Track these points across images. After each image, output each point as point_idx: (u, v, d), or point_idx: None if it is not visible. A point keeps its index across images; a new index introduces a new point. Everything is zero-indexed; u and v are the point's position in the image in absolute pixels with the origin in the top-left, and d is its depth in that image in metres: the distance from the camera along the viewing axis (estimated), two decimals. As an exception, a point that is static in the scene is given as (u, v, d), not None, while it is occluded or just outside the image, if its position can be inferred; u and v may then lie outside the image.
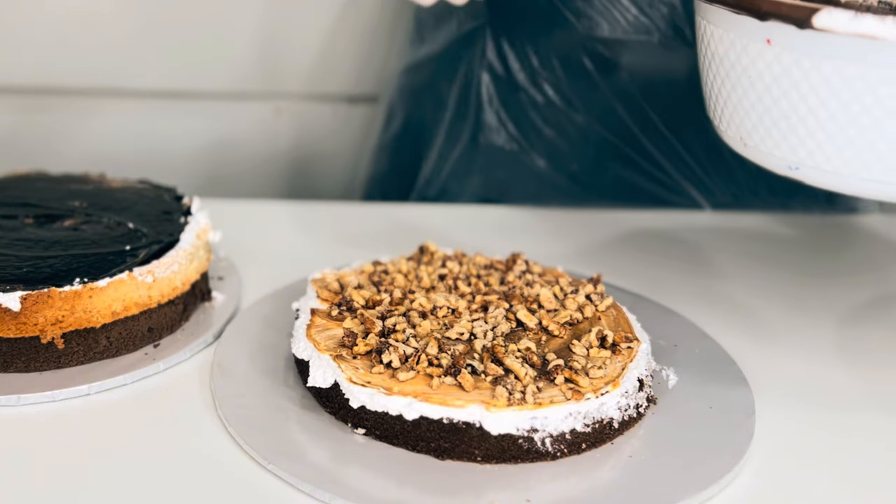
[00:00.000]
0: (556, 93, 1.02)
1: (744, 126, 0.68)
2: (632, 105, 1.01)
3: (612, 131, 1.03)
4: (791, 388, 0.72)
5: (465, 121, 1.05)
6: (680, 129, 1.02)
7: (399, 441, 0.62)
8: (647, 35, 0.97)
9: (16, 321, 0.67)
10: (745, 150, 0.69)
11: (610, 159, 1.04)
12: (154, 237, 0.76)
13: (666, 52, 0.99)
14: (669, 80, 1.00)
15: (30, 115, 1.26)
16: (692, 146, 1.03)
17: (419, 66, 1.10)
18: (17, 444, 0.62)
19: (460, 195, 1.08)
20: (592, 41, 0.99)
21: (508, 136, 1.04)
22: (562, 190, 1.06)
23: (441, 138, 1.07)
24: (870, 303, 0.87)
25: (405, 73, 1.12)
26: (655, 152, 1.03)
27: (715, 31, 0.68)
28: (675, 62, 0.99)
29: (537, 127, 1.03)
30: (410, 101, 1.11)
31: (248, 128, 1.29)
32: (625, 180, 1.05)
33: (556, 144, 1.04)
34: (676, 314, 0.81)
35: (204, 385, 0.69)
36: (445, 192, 1.08)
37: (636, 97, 1.01)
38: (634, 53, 0.99)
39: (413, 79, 1.11)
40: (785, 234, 1.02)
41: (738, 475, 0.61)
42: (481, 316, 0.70)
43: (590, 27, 0.98)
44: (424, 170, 1.09)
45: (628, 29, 0.98)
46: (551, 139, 1.04)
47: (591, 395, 0.62)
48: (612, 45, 0.98)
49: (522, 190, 1.06)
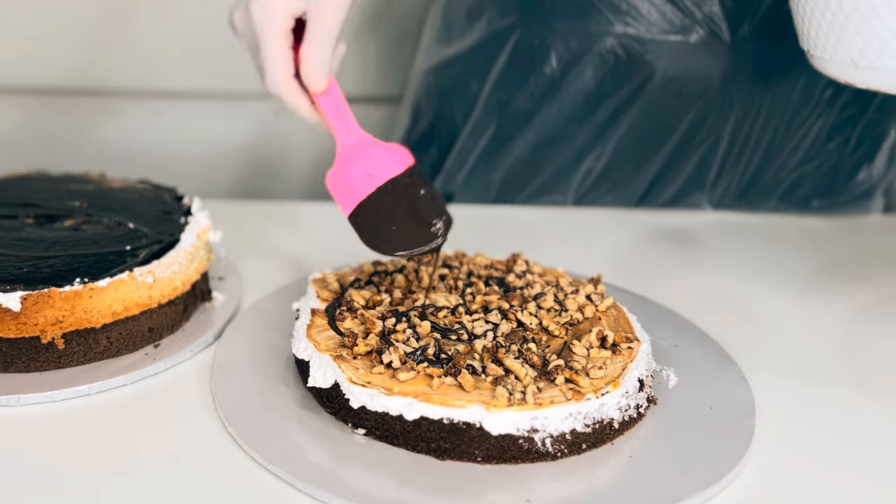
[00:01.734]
0: (585, 89, 1.02)
1: (854, 45, 0.66)
2: (658, 103, 1.01)
3: (640, 129, 1.03)
4: (791, 388, 0.72)
5: (492, 117, 1.05)
6: (703, 128, 1.03)
7: (399, 441, 0.62)
8: (682, 35, 0.97)
9: (16, 321, 0.67)
10: (857, 73, 0.67)
11: (634, 157, 1.04)
12: (154, 237, 0.76)
13: (699, 53, 0.99)
14: (700, 80, 1.00)
15: (31, 115, 1.26)
16: (714, 145, 1.04)
17: (448, 65, 1.09)
18: (17, 444, 0.62)
19: (483, 190, 1.08)
20: (626, 38, 0.99)
21: (534, 130, 1.04)
22: (582, 186, 1.06)
23: (465, 135, 1.07)
24: (870, 303, 0.87)
25: (432, 72, 1.12)
26: (676, 152, 1.04)
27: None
28: (706, 63, 0.99)
29: (564, 123, 1.03)
30: (439, 100, 1.11)
31: (249, 128, 1.29)
32: (644, 178, 1.06)
33: (582, 140, 1.04)
34: (676, 314, 0.81)
35: (204, 385, 0.69)
36: (467, 188, 1.08)
37: (663, 95, 1.01)
38: (667, 53, 0.99)
39: (441, 77, 1.11)
40: (785, 234, 1.02)
41: (738, 475, 0.61)
42: (481, 316, 0.70)
43: (625, 24, 0.98)
44: (446, 166, 1.09)
45: (664, 28, 0.98)
46: (577, 134, 1.04)
47: (592, 396, 0.62)
48: (646, 44, 0.98)
49: (544, 185, 1.06)
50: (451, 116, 1.09)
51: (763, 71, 1.00)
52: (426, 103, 1.12)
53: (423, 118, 1.13)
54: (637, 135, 1.03)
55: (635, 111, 1.02)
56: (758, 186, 1.06)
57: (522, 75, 1.03)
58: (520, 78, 1.03)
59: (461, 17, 1.07)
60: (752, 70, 1.00)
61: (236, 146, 1.30)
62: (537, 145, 1.05)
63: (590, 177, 1.05)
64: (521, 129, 1.04)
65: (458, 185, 1.09)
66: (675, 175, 1.05)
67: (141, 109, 1.27)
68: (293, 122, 1.29)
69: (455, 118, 1.09)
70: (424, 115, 1.13)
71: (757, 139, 1.03)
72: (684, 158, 1.04)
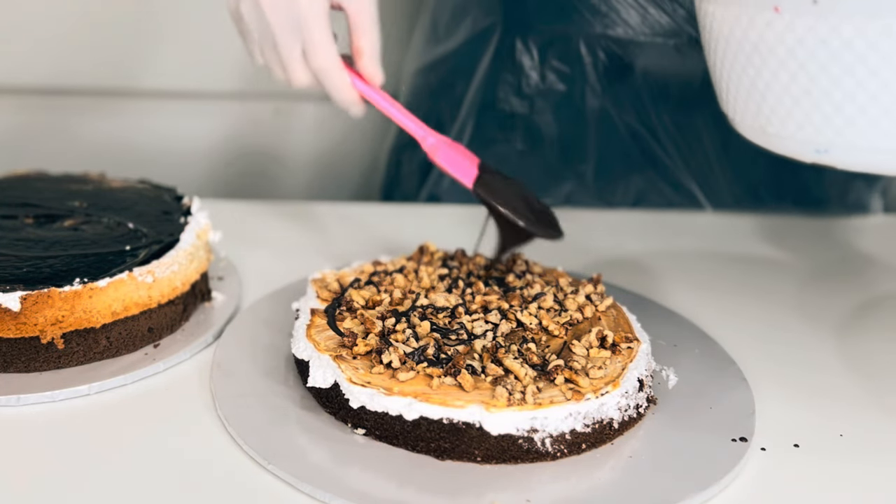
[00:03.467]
0: (567, 91, 1.02)
1: (761, 112, 0.62)
2: (642, 105, 1.01)
3: (625, 130, 1.03)
4: (791, 388, 0.72)
5: (477, 118, 1.05)
6: (687, 130, 1.02)
7: (399, 441, 0.62)
8: (662, 38, 0.97)
9: (16, 321, 0.67)
10: (767, 139, 0.64)
11: (621, 158, 1.04)
12: (154, 237, 0.76)
13: (680, 54, 0.99)
14: (683, 82, 1.00)
15: (30, 115, 1.26)
16: (699, 147, 1.03)
17: (435, 65, 1.10)
18: (17, 444, 0.62)
19: (468, 194, 1.08)
20: (607, 40, 0.99)
21: (519, 131, 1.04)
22: (571, 188, 1.06)
23: (452, 136, 1.07)
24: (870, 303, 0.87)
25: (421, 73, 1.12)
26: (661, 153, 1.04)
27: (717, 10, 0.63)
28: (688, 65, 0.99)
29: (548, 124, 1.03)
30: (427, 101, 1.11)
31: (248, 128, 1.29)
32: (634, 180, 1.05)
33: (567, 142, 1.04)
34: (676, 314, 0.81)
35: (204, 385, 0.69)
36: (454, 189, 1.08)
37: (647, 97, 1.01)
38: (648, 54, 0.99)
39: (429, 78, 1.11)
40: (785, 235, 1.02)
41: (738, 475, 0.61)
42: (481, 316, 0.70)
43: (605, 26, 0.98)
44: (435, 170, 1.09)
45: (643, 30, 0.98)
46: (562, 136, 1.04)
47: (591, 396, 0.62)
48: (626, 45, 0.98)
49: (532, 187, 1.06)
50: (438, 117, 1.09)
51: None
52: (415, 104, 1.12)
53: None
54: (622, 135, 1.03)
55: (618, 112, 1.02)
56: (750, 186, 1.06)
57: (505, 76, 1.03)
58: (503, 78, 1.03)
59: (448, 17, 1.07)
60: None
61: (236, 146, 1.30)
62: (523, 147, 1.05)
63: (580, 178, 1.05)
64: (506, 131, 1.04)
65: (445, 188, 1.09)
66: (664, 176, 1.05)
67: (141, 109, 1.27)
68: (293, 122, 1.30)
69: (442, 119, 1.09)
70: (415, 115, 1.13)
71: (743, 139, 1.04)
72: (671, 159, 1.04)
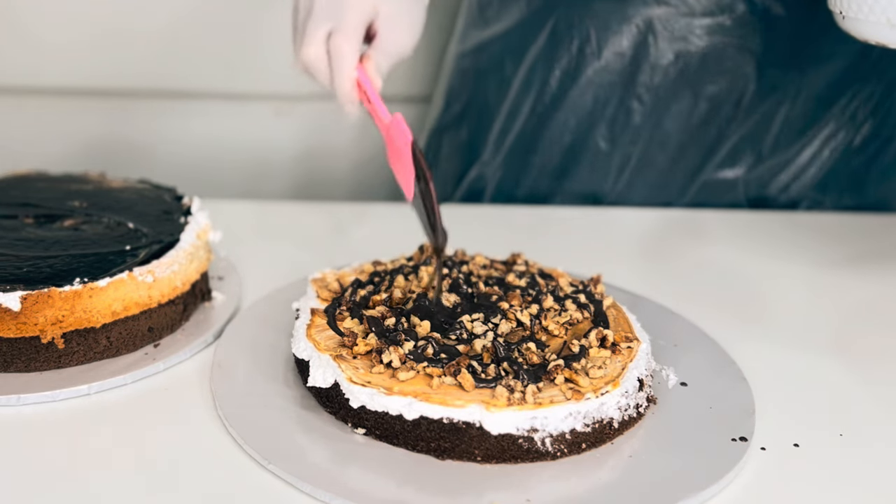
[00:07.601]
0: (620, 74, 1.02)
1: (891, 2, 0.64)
2: (692, 91, 1.02)
3: (672, 118, 1.03)
4: (791, 388, 0.72)
5: (529, 98, 1.06)
6: (733, 116, 1.03)
7: (399, 441, 0.62)
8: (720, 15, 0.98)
9: (16, 321, 0.67)
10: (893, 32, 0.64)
11: (671, 142, 1.05)
12: (154, 237, 0.76)
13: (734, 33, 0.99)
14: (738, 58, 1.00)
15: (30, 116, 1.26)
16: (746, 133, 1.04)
17: (484, 47, 1.10)
18: (17, 444, 0.62)
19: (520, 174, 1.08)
20: (662, 19, 0.99)
21: (571, 114, 1.05)
22: (620, 170, 1.06)
23: (503, 116, 1.07)
24: (870, 303, 0.87)
25: (468, 55, 1.12)
26: (711, 135, 1.04)
27: None
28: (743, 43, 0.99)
29: (599, 107, 1.04)
30: (474, 82, 1.12)
31: (248, 128, 1.29)
32: (683, 163, 1.06)
33: (617, 127, 1.04)
34: (676, 314, 0.81)
35: (204, 385, 0.69)
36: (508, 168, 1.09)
37: (699, 82, 1.01)
38: (703, 33, 0.99)
39: (478, 60, 1.11)
40: (785, 234, 1.02)
41: (738, 475, 0.61)
42: (481, 316, 0.70)
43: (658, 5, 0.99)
44: (485, 147, 1.09)
45: (698, 9, 0.98)
46: (612, 120, 1.04)
47: (591, 395, 0.62)
48: (681, 24, 0.99)
49: (580, 172, 1.06)
50: (484, 98, 1.10)
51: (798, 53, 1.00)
52: (460, 86, 1.13)
53: (456, 101, 1.14)
54: (675, 117, 1.03)
55: (672, 92, 1.02)
56: (790, 172, 1.06)
57: (560, 55, 1.03)
58: (557, 58, 1.03)
59: (497, 1, 1.08)
60: (788, 51, 1.00)
61: (236, 146, 1.30)
62: (576, 126, 1.05)
63: (630, 160, 1.06)
64: (558, 110, 1.05)
65: (497, 166, 1.09)
66: (712, 158, 1.05)
67: (140, 109, 1.27)
68: (293, 123, 1.30)
69: (489, 100, 1.10)
70: (458, 97, 1.14)
71: (789, 122, 1.04)
72: (721, 141, 1.04)
